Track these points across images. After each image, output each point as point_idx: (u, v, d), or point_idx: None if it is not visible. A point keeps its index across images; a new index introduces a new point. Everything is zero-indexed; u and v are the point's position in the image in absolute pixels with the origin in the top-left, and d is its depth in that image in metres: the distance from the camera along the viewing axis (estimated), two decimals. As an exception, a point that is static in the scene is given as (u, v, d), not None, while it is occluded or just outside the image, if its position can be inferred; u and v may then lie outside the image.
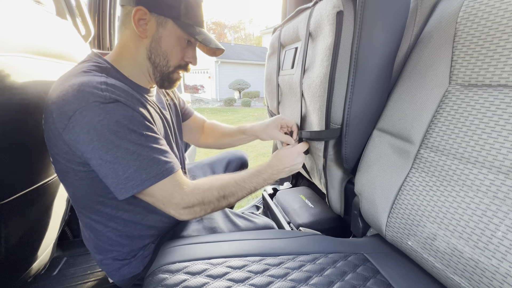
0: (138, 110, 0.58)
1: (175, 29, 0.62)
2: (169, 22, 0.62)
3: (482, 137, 0.43)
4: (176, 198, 0.58)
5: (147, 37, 0.62)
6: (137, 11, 0.59)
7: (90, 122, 0.51)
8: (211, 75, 16.16)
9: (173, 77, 0.68)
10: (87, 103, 0.51)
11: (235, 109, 11.04)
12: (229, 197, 0.64)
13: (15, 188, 0.62)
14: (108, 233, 0.66)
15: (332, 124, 0.64)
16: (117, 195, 0.55)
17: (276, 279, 0.47)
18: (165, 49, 0.64)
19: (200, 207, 0.60)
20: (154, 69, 0.66)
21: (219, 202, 0.63)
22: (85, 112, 0.51)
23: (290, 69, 0.83)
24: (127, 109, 0.55)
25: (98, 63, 0.62)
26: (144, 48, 0.63)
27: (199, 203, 0.60)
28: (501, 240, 0.38)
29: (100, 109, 0.52)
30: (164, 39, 0.63)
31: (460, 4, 0.50)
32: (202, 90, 16.65)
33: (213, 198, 0.62)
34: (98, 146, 0.52)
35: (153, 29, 0.62)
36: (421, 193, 0.50)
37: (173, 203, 0.58)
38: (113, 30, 1.39)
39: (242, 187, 0.66)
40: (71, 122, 0.52)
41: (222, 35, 45.68)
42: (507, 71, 0.41)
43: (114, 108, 0.53)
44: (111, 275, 0.71)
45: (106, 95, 0.54)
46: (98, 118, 0.52)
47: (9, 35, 0.59)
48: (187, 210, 0.59)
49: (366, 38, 0.54)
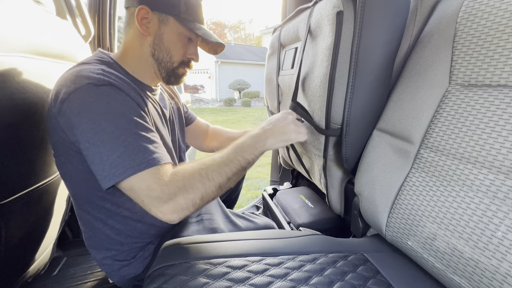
0: (133, 96, 0.58)
1: (176, 25, 0.65)
2: (171, 19, 0.64)
3: (482, 137, 0.43)
4: (155, 190, 0.51)
5: (150, 35, 0.64)
6: (140, 10, 0.62)
7: (81, 103, 0.52)
8: (211, 75, 16.15)
9: (178, 72, 0.70)
10: (80, 85, 0.53)
11: (235, 109, 11.04)
12: (214, 177, 0.55)
13: (15, 188, 0.62)
14: (107, 231, 0.66)
15: (332, 124, 0.64)
16: (101, 184, 0.52)
17: (276, 279, 0.47)
18: (167, 45, 0.66)
19: (183, 196, 0.52)
20: (159, 65, 0.68)
21: (205, 186, 0.54)
22: (78, 93, 0.52)
23: (290, 69, 0.83)
24: (120, 92, 0.56)
25: (101, 57, 0.64)
26: (147, 45, 0.65)
27: (180, 190, 0.52)
28: (501, 240, 0.38)
29: (93, 91, 0.53)
30: (166, 35, 0.65)
31: (460, 4, 0.50)
32: (202, 90, 16.65)
33: (196, 182, 0.53)
34: (86, 128, 0.51)
35: (156, 26, 0.64)
36: (421, 193, 0.50)
37: (152, 198, 0.51)
38: (113, 30, 1.39)
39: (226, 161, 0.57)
40: (64, 104, 0.53)
41: (222, 35, 45.68)
42: (507, 71, 0.41)
43: (107, 90, 0.54)
44: (111, 275, 0.71)
45: (100, 77, 0.55)
46: (90, 100, 0.52)
47: (9, 35, 0.59)
48: (170, 205, 0.51)
49: (366, 38, 0.54)
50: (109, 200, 0.63)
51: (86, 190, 0.62)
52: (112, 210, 0.64)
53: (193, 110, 2.21)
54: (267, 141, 0.63)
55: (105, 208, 0.64)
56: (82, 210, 0.65)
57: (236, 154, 0.59)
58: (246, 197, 2.40)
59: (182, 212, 0.52)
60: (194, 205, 0.53)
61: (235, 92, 15.25)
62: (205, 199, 0.54)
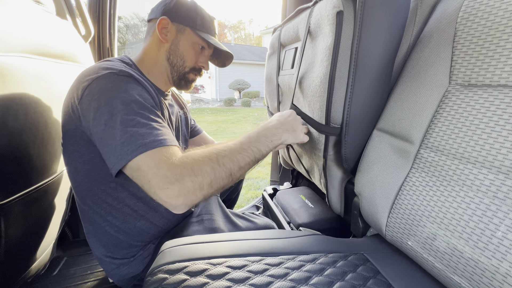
0: (149, 90, 0.64)
1: (191, 35, 0.74)
2: (187, 29, 0.73)
3: (482, 137, 0.43)
4: (162, 169, 0.50)
5: (167, 42, 0.73)
6: (162, 20, 0.70)
7: (101, 88, 0.56)
8: (211, 75, 16.15)
9: (189, 77, 0.78)
10: (102, 73, 0.58)
11: (235, 109, 11.04)
12: (226, 163, 0.54)
13: (15, 188, 0.62)
14: (107, 227, 0.66)
15: (332, 124, 0.64)
16: (113, 167, 0.53)
17: (276, 279, 0.47)
18: (182, 51, 0.74)
19: (191, 179, 0.50)
20: (172, 68, 0.75)
21: (214, 171, 0.52)
22: (99, 80, 0.57)
23: (290, 69, 0.83)
24: (138, 84, 0.61)
25: (122, 59, 0.70)
26: (164, 50, 0.73)
27: (188, 172, 0.50)
28: (501, 240, 0.38)
29: (113, 78, 0.58)
30: (181, 43, 0.73)
31: (460, 4, 0.50)
32: (202, 90, 16.64)
33: (206, 166, 0.52)
34: (104, 111, 0.54)
35: (173, 35, 0.73)
36: (421, 193, 0.50)
37: (159, 176, 0.49)
38: (113, 30, 1.39)
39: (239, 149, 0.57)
40: (86, 91, 0.57)
41: (222, 35, 45.68)
42: (507, 71, 0.41)
43: (126, 79, 0.59)
44: (111, 274, 0.71)
45: (122, 69, 0.60)
46: (109, 85, 0.57)
47: (9, 35, 0.59)
48: (176, 187, 0.49)
49: (366, 38, 0.54)
50: (111, 195, 0.64)
51: (89, 181, 0.63)
52: (113, 205, 0.64)
53: (193, 110, 2.19)
54: (282, 135, 0.63)
55: (106, 202, 0.64)
56: (83, 203, 0.66)
57: (250, 144, 0.58)
58: (246, 197, 2.40)
59: (188, 197, 0.50)
60: (202, 189, 0.51)
61: (235, 92, 15.25)
62: (214, 185, 0.52)
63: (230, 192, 1.19)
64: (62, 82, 0.80)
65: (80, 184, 0.64)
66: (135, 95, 0.57)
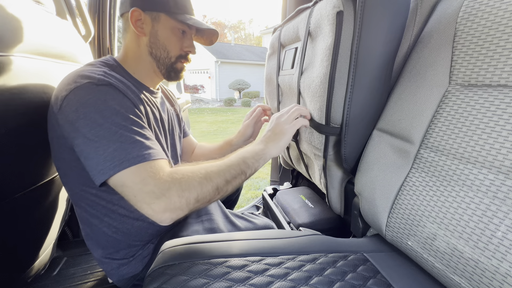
0: (130, 97, 0.60)
1: (168, 20, 0.67)
2: (162, 15, 0.67)
3: (482, 137, 0.43)
4: (149, 184, 0.50)
5: (145, 35, 0.68)
6: (133, 12, 0.65)
7: (79, 100, 0.54)
8: (211, 75, 16.15)
9: (177, 67, 0.73)
10: (81, 83, 0.55)
11: (235, 109, 11.04)
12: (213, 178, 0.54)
13: (15, 188, 0.62)
14: (104, 228, 0.66)
15: (332, 124, 0.64)
16: (95, 179, 0.52)
17: (276, 279, 0.47)
18: (163, 41, 0.68)
19: (177, 194, 0.50)
20: (157, 62, 0.71)
21: (201, 185, 0.52)
22: (77, 91, 0.54)
23: (290, 69, 0.83)
24: (118, 93, 0.58)
25: (106, 60, 0.67)
26: (144, 45, 0.69)
27: (175, 186, 0.50)
28: (501, 240, 0.38)
29: (91, 89, 0.55)
30: (160, 32, 0.68)
31: (460, 4, 0.50)
32: (202, 90, 16.64)
33: (193, 181, 0.52)
34: (83, 124, 0.52)
35: (149, 25, 0.67)
36: (421, 193, 0.50)
37: (145, 192, 0.49)
38: (113, 30, 1.39)
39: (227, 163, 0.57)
40: (64, 101, 0.55)
41: (222, 35, 45.67)
42: (507, 71, 0.41)
43: (105, 90, 0.56)
44: (110, 274, 0.71)
45: (100, 78, 0.57)
46: (88, 97, 0.54)
47: (9, 35, 0.59)
48: (163, 202, 0.49)
49: (366, 38, 0.54)
50: (104, 198, 0.63)
51: (80, 186, 0.62)
52: (107, 207, 0.64)
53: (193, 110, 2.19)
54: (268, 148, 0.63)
55: (100, 205, 0.64)
56: (78, 206, 0.66)
57: (237, 158, 0.59)
58: (246, 197, 2.41)
59: (174, 211, 0.50)
60: (188, 205, 0.51)
61: (235, 92, 15.25)
62: (200, 200, 0.53)
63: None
64: (62, 82, 0.80)
65: (71, 188, 0.64)
66: (115, 106, 0.54)
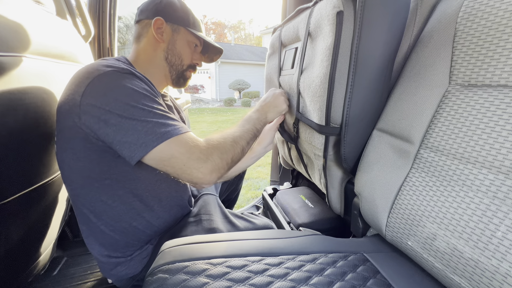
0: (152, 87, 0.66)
1: (186, 34, 0.77)
2: (182, 29, 0.76)
3: (482, 137, 0.43)
4: (195, 153, 0.57)
5: (164, 42, 0.75)
6: (156, 20, 0.72)
7: (107, 85, 0.57)
8: (211, 75, 16.16)
9: (186, 75, 0.81)
10: (104, 71, 0.58)
11: (235, 109, 11.04)
12: (239, 141, 0.66)
13: (15, 188, 0.62)
14: (102, 226, 0.66)
15: (332, 124, 0.64)
16: (133, 155, 0.56)
17: (276, 279, 0.47)
18: (179, 49, 0.77)
19: (219, 156, 0.60)
20: (171, 67, 0.78)
21: (233, 148, 0.63)
22: (102, 77, 0.57)
23: (290, 69, 0.83)
24: (141, 82, 0.62)
25: (118, 58, 0.70)
26: (161, 50, 0.75)
27: (216, 151, 0.60)
28: (501, 240, 0.38)
29: (117, 76, 0.58)
30: (178, 41, 0.76)
31: (460, 4, 0.50)
32: (202, 90, 16.64)
33: (227, 145, 0.63)
34: (115, 106, 0.55)
35: (169, 34, 0.75)
36: (421, 193, 0.50)
37: (194, 160, 0.57)
38: (113, 30, 1.39)
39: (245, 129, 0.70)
40: (88, 87, 0.56)
41: (222, 35, 45.68)
42: (507, 71, 0.41)
43: (130, 77, 0.60)
44: (109, 275, 0.71)
45: (124, 68, 0.61)
46: (115, 82, 0.57)
47: (9, 35, 0.59)
48: (209, 164, 0.58)
49: (366, 38, 0.54)
50: (106, 192, 0.63)
51: (83, 179, 0.62)
52: (107, 203, 0.64)
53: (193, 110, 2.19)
54: (267, 115, 0.78)
55: (101, 200, 0.64)
56: (77, 203, 0.66)
57: (249, 124, 0.72)
58: (246, 197, 2.40)
59: (219, 171, 0.60)
60: (228, 164, 0.62)
61: (235, 92, 15.25)
62: (234, 160, 0.64)
63: (230, 192, 1.19)
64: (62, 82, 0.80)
65: (73, 182, 0.64)
66: (142, 91, 0.59)
